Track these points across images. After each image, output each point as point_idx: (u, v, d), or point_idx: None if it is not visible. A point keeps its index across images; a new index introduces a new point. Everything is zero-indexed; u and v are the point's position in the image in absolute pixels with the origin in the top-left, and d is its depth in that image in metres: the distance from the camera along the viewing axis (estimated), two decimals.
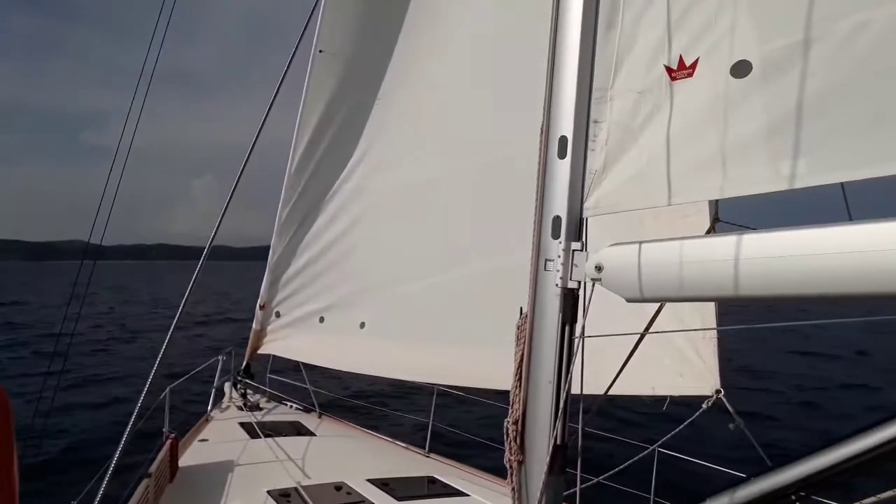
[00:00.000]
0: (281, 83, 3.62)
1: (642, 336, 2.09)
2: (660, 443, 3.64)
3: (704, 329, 3.66)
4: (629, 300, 1.78)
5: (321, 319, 5.72)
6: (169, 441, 4.08)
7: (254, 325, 6.17)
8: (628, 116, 1.98)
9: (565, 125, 1.98)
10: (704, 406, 3.44)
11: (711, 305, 3.56)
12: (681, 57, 1.86)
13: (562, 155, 1.98)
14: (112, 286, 57.27)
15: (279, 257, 5.94)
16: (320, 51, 5.49)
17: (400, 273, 5.21)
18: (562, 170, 1.97)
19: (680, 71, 1.86)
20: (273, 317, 6.04)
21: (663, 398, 3.80)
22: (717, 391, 3.62)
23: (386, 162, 5.42)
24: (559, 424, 1.85)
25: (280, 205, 5.89)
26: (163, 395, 4.87)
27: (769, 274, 1.49)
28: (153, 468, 3.65)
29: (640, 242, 1.76)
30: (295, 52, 3.65)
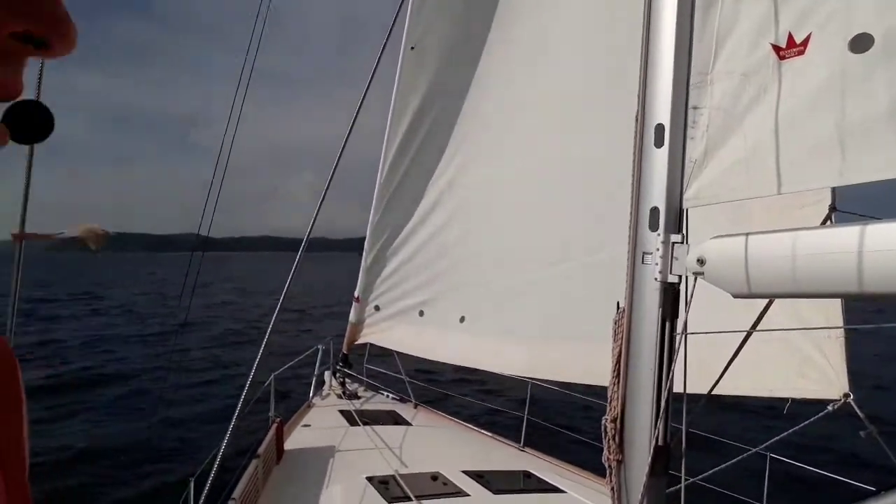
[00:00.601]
0: (369, 84, 3.69)
1: (749, 334, 1.97)
2: (766, 444, 3.41)
3: (828, 328, 3.37)
4: (735, 296, 1.68)
5: (421, 313, 5.84)
6: (275, 425, 4.32)
7: (350, 318, 6.40)
8: (731, 100, 1.87)
9: (662, 112, 1.90)
10: (830, 408, 3.14)
11: (836, 302, 3.27)
12: (790, 34, 1.73)
13: (659, 144, 1.90)
14: (225, 278, 60.66)
15: (377, 252, 6.11)
16: (412, 48, 5.57)
17: (498, 269, 5.22)
18: (659, 159, 1.89)
19: (789, 49, 1.73)
20: (372, 310, 6.23)
21: (783, 401, 3.54)
22: (846, 395, 3.30)
23: (479, 159, 5.43)
24: (661, 424, 1.79)
25: (374, 202, 6.05)
26: (267, 382, 5.16)
27: None
28: (261, 450, 3.88)
29: (747, 234, 1.66)
30: (383, 49, 3.71)
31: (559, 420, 6.21)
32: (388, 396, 6.37)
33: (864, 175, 1.59)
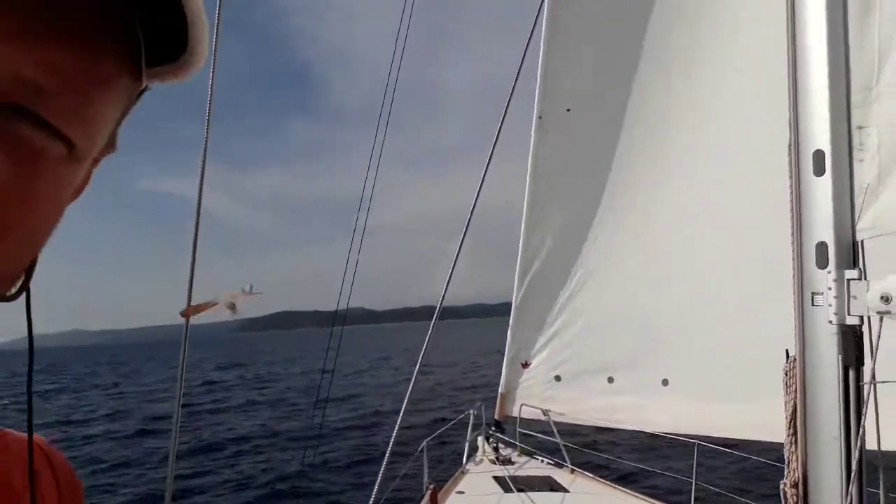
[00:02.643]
0: (493, 151, 3.76)
1: None
2: None
3: None
4: None
5: (610, 380, 5.54)
6: (429, 491, 4.31)
7: (501, 387, 6.28)
8: None
9: (819, 137, 1.72)
10: None
11: None
12: None
13: (819, 172, 1.71)
14: (406, 348, 60.28)
15: (545, 318, 5.85)
16: (539, 117, 5.62)
17: (698, 324, 4.85)
18: (821, 189, 1.71)
19: None
20: (552, 380, 5.98)
21: None
22: None
23: (660, 205, 5.18)
24: (854, 489, 1.53)
25: (529, 264, 5.92)
26: (420, 448, 5.21)
27: None
28: None
29: None
30: (504, 115, 3.79)
31: (732, 484, 5.58)
32: (542, 461, 6.14)
33: None
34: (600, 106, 5.45)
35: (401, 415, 3.29)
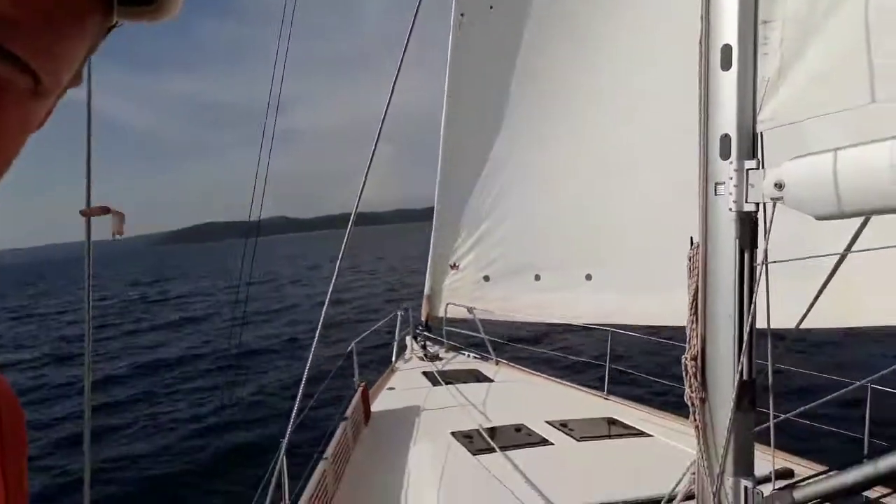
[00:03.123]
0: (405, 49, 3.64)
1: (843, 257, 1.83)
2: (872, 378, 3.20)
3: None
4: (820, 218, 1.56)
5: (537, 277, 5.80)
6: (360, 389, 4.48)
7: (426, 291, 6.46)
8: (807, 8, 1.72)
9: (728, 32, 1.77)
10: None
11: None
12: None
13: (726, 66, 1.77)
14: (333, 256, 59.59)
15: (470, 220, 6.01)
16: (462, 14, 5.44)
17: (616, 224, 5.10)
18: (727, 82, 1.77)
19: None
20: (481, 280, 6.22)
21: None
22: None
23: (572, 110, 5.25)
24: (744, 359, 1.71)
25: (450, 167, 5.93)
26: (349, 348, 5.35)
27: None
28: (349, 412, 4.05)
29: (836, 149, 1.53)
30: (413, 22, 3.65)
31: (643, 366, 6.11)
32: (469, 356, 6.46)
33: None
34: (524, 4, 5.34)
35: (321, 322, 3.34)
